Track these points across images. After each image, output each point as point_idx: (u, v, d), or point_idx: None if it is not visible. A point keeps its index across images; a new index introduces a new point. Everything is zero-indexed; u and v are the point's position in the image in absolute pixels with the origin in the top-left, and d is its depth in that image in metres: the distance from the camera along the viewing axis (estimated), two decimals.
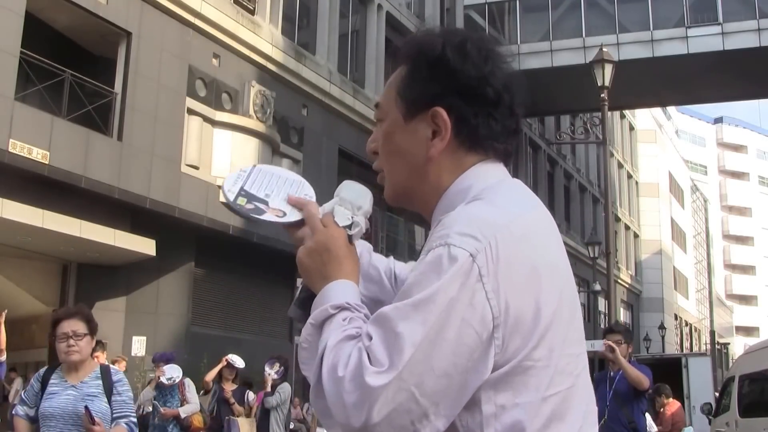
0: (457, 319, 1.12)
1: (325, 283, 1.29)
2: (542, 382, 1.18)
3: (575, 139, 25.29)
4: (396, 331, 1.12)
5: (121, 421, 4.20)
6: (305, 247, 1.34)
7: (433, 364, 1.12)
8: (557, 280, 1.22)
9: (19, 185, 11.70)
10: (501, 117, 1.32)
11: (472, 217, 1.20)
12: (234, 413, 9.91)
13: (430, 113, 1.30)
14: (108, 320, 12.92)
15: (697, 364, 18.71)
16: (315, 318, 1.25)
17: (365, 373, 1.11)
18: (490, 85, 1.31)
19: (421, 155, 1.32)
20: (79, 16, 13.45)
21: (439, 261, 1.15)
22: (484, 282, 1.14)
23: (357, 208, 1.36)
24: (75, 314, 4.23)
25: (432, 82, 1.31)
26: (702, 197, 67.95)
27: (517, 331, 1.16)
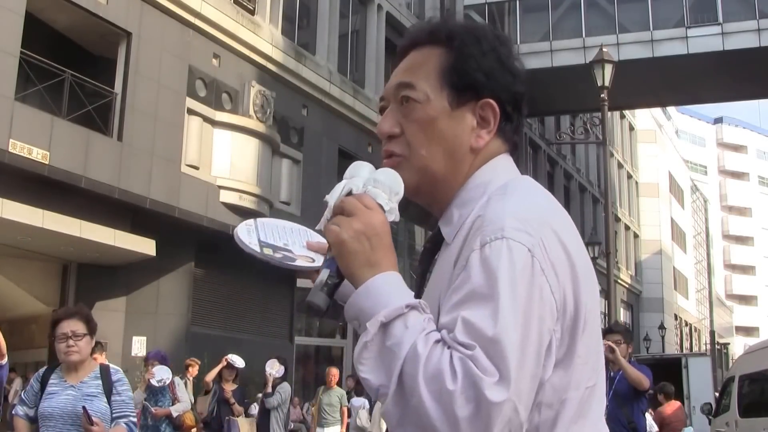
0: (536, 318, 1.09)
1: (374, 272, 1.16)
2: (582, 379, 1.18)
3: (575, 140, 25.29)
4: (495, 339, 1.05)
5: (120, 421, 4.20)
6: (351, 228, 1.18)
7: (527, 367, 1.07)
8: (590, 277, 1.22)
9: (19, 185, 11.70)
10: (522, 113, 1.35)
11: (519, 211, 1.17)
12: (234, 413, 9.92)
13: (479, 103, 1.29)
14: (108, 320, 12.93)
15: (697, 364, 18.73)
16: (387, 315, 1.11)
17: (483, 386, 1.03)
18: (522, 84, 1.33)
19: (465, 145, 1.29)
20: (79, 16, 13.45)
21: (500, 256, 1.10)
22: (546, 275, 1.12)
23: (395, 194, 1.24)
24: (74, 314, 4.24)
25: (485, 72, 1.30)
26: (702, 197, 67.94)
27: (568, 325, 1.16)
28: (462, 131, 1.29)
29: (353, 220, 1.18)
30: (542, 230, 1.15)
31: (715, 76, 26.29)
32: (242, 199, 15.79)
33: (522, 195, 1.23)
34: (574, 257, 1.19)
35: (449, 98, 1.29)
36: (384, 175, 1.25)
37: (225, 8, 16.00)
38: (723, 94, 30.51)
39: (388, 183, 1.24)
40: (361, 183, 1.24)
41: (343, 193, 1.24)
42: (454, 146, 1.29)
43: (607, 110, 15.46)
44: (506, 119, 1.31)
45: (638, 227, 48.67)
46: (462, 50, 1.31)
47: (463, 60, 1.30)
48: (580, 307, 1.17)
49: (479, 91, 1.29)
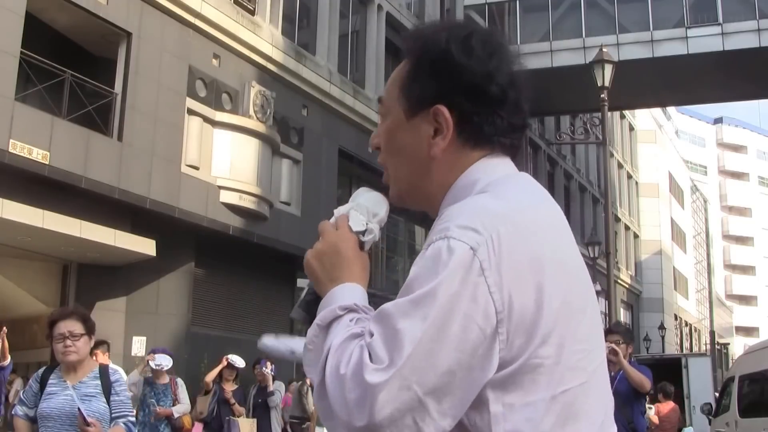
0: (460, 315, 1.09)
1: (333, 285, 1.26)
2: (552, 380, 1.14)
3: (575, 140, 25.27)
4: (396, 328, 1.09)
5: (119, 420, 4.20)
6: (314, 249, 1.31)
7: (436, 360, 1.08)
8: (563, 275, 1.18)
9: (20, 185, 11.70)
10: (507, 114, 1.29)
11: (474, 209, 1.18)
12: (234, 413, 9.92)
13: (432, 111, 1.27)
14: (108, 320, 12.93)
15: (697, 365, 18.72)
16: (322, 319, 1.21)
17: (365, 371, 1.09)
18: (496, 82, 1.27)
19: (423, 153, 1.29)
20: (80, 16, 13.45)
21: (438, 255, 1.12)
22: (486, 276, 1.11)
23: (373, 215, 1.33)
24: (71, 314, 4.23)
25: (435, 79, 1.28)
26: (702, 197, 67.94)
27: (522, 326, 1.13)
28: (418, 140, 1.29)
29: (318, 242, 1.31)
30: (498, 228, 1.14)
31: (715, 76, 26.29)
32: (242, 200, 15.79)
33: (496, 191, 1.22)
34: (547, 255, 1.16)
35: (404, 108, 1.30)
36: (365, 197, 1.36)
37: (225, 8, 16.00)
38: (723, 94, 30.52)
39: (365, 205, 1.34)
40: (345, 208, 1.34)
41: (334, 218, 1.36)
42: (413, 156, 1.30)
43: (607, 110, 15.46)
44: (469, 122, 1.27)
45: (638, 227, 48.67)
46: (413, 59, 1.32)
47: (414, 69, 1.31)
48: (546, 304, 1.14)
49: (431, 99, 1.27)
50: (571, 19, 27.34)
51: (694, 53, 25.17)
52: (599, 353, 1.23)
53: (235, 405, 9.96)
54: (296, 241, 17.34)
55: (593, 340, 1.22)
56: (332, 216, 1.36)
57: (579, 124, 29.35)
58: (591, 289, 1.26)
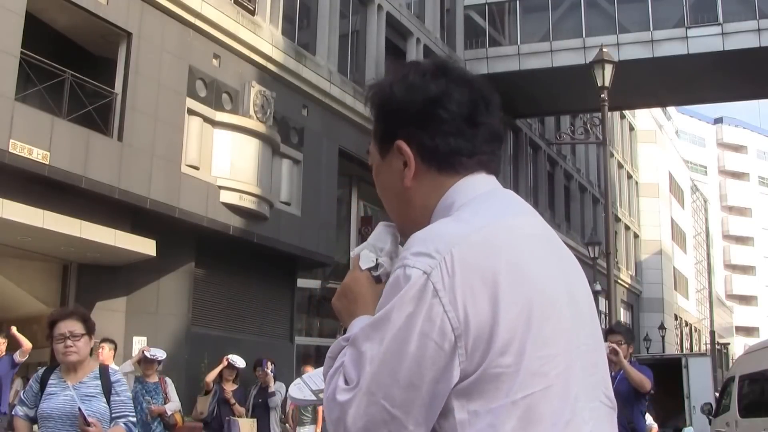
0: (416, 334, 1.19)
1: (352, 320, 1.38)
2: (513, 386, 1.20)
3: (575, 140, 25.28)
4: (360, 350, 1.23)
5: (119, 421, 4.20)
6: (336, 292, 1.46)
7: (398, 376, 1.19)
8: (522, 285, 1.24)
9: (20, 185, 11.70)
10: (461, 131, 1.37)
11: (430, 235, 1.27)
12: (234, 413, 9.93)
13: (395, 147, 1.40)
14: (108, 320, 12.93)
15: (697, 365, 18.71)
16: (332, 351, 1.35)
17: (337, 392, 1.24)
18: (440, 105, 1.37)
19: (399, 186, 1.41)
20: (80, 16, 13.45)
21: (396, 282, 1.23)
22: (440, 296, 1.19)
23: (380, 250, 1.44)
24: (71, 315, 4.21)
25: (387, 119, 1.42)
26: (702, 197, 67.92)
27: (480, 339, 1.20)
28: (393, 176, 1.42)
29: (340, 285, 1.45)
30: (453, 249, 1.22)
31: (715, 76, 26.28)
32: (242, 200, 15.79)
33: (458, 214, 1.32)
34: (498, 272, 1.22)
35: (378, 150, 1.45)
36: (372, 236, 1.48)
37: (225, 8, 16.00)
38: (723, 94, 30.51)
39: (372, 242, 1.46)
40: (361, 247, 1.47)
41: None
42: (394, 191, 1.43)
43: (607, 110, 15.45)
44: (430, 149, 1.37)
45: (638, 227, 48.67)
46: (375, 107, 1.46)
47: (375, 116, 1.46)
48: (499, 320, 1.20)
49: (391, 137, 1.41)
50: (571, 19, 27.33)
51: (694, 53, 25.16)
52: (567, 357, 1.26)
53: (235, 405, 9.97)
54: (296, 241, 17.34)
55: (561, 344, 1.26)
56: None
57: (579, 124, 29.34)
58: (566, 294, 1.30)
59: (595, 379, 1.31)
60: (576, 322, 1.30)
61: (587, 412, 1.26)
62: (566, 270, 1.35)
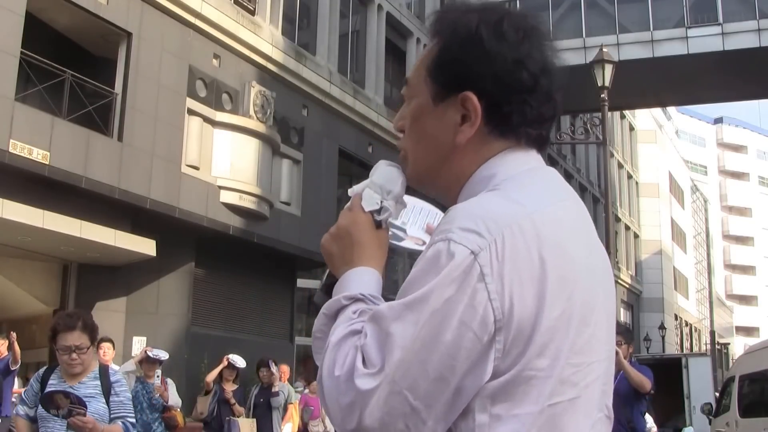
0: (455, 321, 1.06)
1: (347, 268, 1.25)
2: (543, 393, 1.10)
3: (575, 140, 25.27)
4: (388, 331, 1.08)
5: (118, 421, 4.19)
6: (328, 233, 1.30)
7: (427, 366, 1.06)
8: (567, 285, 1.12)
9: (20, 185, 11.70)
10: (537, 103, 1.23)
11: (479, 210, 1.12)
12: (234, 413, 9.92)
13: (459, 98, 1.22)
14: (108, 320, 12.92)
15: (697, 365, 18.73)
16: (328, 308, 1.21)
17: (356, 375, 1.09)
18: (527, 69, 1.22)
19: (448, 141, 1.24)
20: (80, 16, 13.45)
21: (437, 258, 1.09)
22: (486, 282, 1.07)
23: (387, 193, 1.29)
24: (76, 326, 4.11)
25: (464, 64, 1.22)
26: (702, 197, 67.92)
27: (520, 336, 1.08)
28: (443, 127, 1.24)
29: (334, 225, 1.29)
30: (504, 230, 1.09)
31: (715, 76, 26.29)
32: (242, 200, 15.79)
33: (507, 190, 1.16)
34: (551, 262, 1.10)
35: (432, 93, 1.25)
36: (378, 175, 1.30)
37: (225, 8, 16.00)
38: (723, 94, 30.51)
39: (379, 183, 1.29)
40: (359, 187, 1.30)
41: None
42: (437, 143, 1.25)
43: (607, 110, 15.45)
44: (497, 111, 1.21)
45: (638, 227, 48.67)
46: (444, 41, 1.25)
47: (443, 52, 1.25)
48: (542, 317, 1.09)
49: (459, 85, 1.21)
50: (571, 19, 27.33)
51: (694, 53, 25.17)
52: (598, 366, 1.17)
53: (235, 405, 9.96)
54: (296, 241, 17.34)
55: (594, 353, 1.16)
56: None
57: (579, 124, 29.33)
58: (604, 299, 1.19)
59: (606, 389, 1.22)
60: (609, 331, 1.20)
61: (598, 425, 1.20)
62: (604, 270, 1.23)
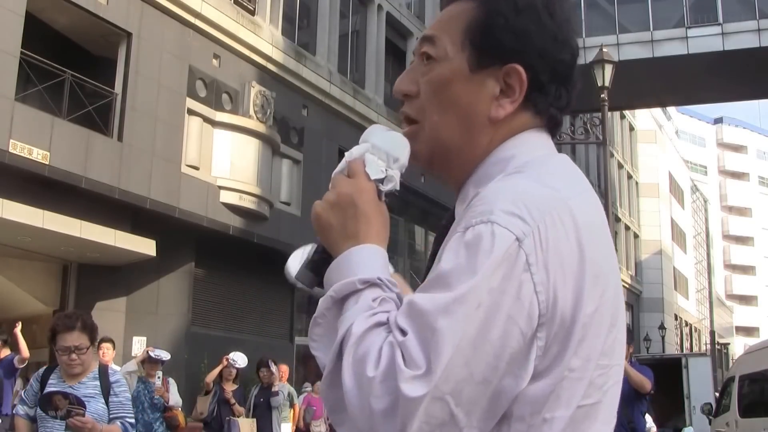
0: (502, 316, 0.95)
1: (351, 243, 1.08)
2: (575, 396, 1.01)
3: (575, 140, 25.26)
4: (434, 327, 0.94)
5: (117, 421, 4.19)
6: (325, 200, 1.12)
7: (473, 369, 0.94)
8: (599, 280, 1.03)
9: (20, 186, 11.70)
10: (570, 87, 1.16)
11: (519, 193, 1.02)
12: (234, 413, 9.93)
13: (505, 69, 1.12)
14: (108, 320, 12.92)
15: (697, 365, 18.73)
16: (337, 291, 1.04)
17: (400, 378, 0.93)
18: (569, 51, 1.15)
19: (482, 113, 1.13)
20: (80, 16, 13.45)
21: (478, 242, 0.97)
22: (532, 272, 0.96)
23: (393, 160, 1.13)
24: (76, 326, 4.13)
25: (516, 34, 1.12)
26: (702, 197, 67.92)
27: (560, 333, 0.99)
28: (480, 98, 1.13)
29: (329, 192, 1.12)
30: (546, 217, 0.99)
31: (715, 77, 26.29)
32: (242, 200, 15.80)
33: (539, 174, 1.06)
34: (588, 255, 1.01)
35: (470, 59, 1.13)
36: (383, 139, 1.14)
37: (225, 8, 16.00)
38: (723, 94, 30.51)
39: (385, 148, 1.13)
40: (359, 151, 1.14)
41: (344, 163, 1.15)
42: (469, 114, 1.13)
43: (607, 110, 15.45)
44: (538, 89, 1.13)
45: (638, 227, 48.67)
46: (491, 5, 1.14)
47: (491, 17, 1.13)
48: (579, 313, 1.00)
49: (506, 54, 1.12)
50: None
51: (694, 53, 25.18)
52: (617, 371, 1.09)
53: (235, 405, 9.97)
54: (296, 241, 17.32)
55: (616, 355, 1.08)
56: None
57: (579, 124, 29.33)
58: (622, 299, 1.12)
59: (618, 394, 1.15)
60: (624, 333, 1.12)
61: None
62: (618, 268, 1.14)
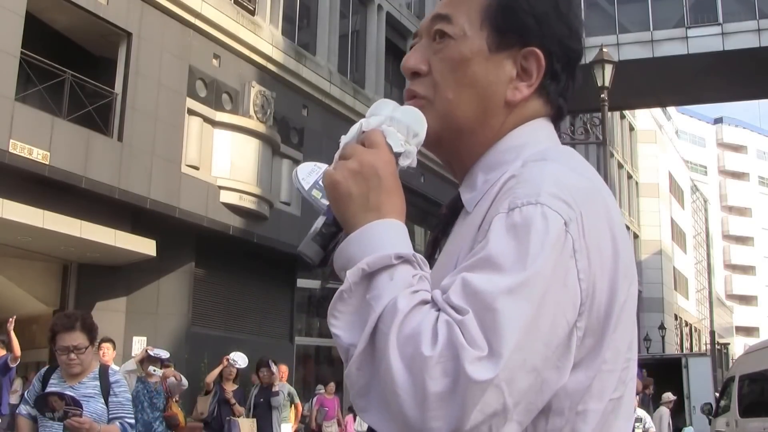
0: (551, 301, 0.90)
1: (372, 216, 1.00)
2: (606, 389, 0.98)
3: (575, 140, 25.26)
4: (495, 308, 0.87)
5: (116, 421, 4.20)
6: (346, 167, 1.04)
7: (526, 355, 0.88)
8: (630, 271, 1.01)
9: (20, 186, 11.71)
10: (575, 80, 1.17)
11: (560, 178, 0.98)
12: (235, 413, 9.93)
13: (524, 52, 1.11)
14: (108, 320, 12.93)
15: (697, 365, 18.75)
16: (371, 264, 0.94)
17: (464, 358, 0.85)
18: (579, 41, 1.16)
19: (499, 95, 1.11)
20: (80, 16, 13.45)
21: (531, 224, 0.92)
22: (577, 258, 0.93)
23: (413, 135, 1.07)
24: (75, 326, 4.14)
25: (537, 18, 1.11)
26: (702, 197, 67.93)
27: (596, 323, 0.96)
28: (498, 79, 1.11)
29: (350, 160, 1.04)
30: (586, 205, 0.96)
31: (715, 77, 26.30)
32: (242, 200, 15.80)
33: (566, 162, 1.03)
34: (620, 246, 0.99)
35: (489, 39, 1.11)
36: (402, 113, 1.08)
37: (225, 8, 16.00)
38: (723, 94, 30.52)
39: (405, 122, 1.07)
40: (376, 121, 1.08)
41: (356, 134, 1.10)
42: (486, 94, 1.11)
43: (607, 110, 15.45)
44: (552, 77, 1.12)
45: (638, 227, 48.68)
46: None
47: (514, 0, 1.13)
48: (615, 303, 0.97)
49: (525, 37, 1.11)
50: None
51: (694, 53, 25.18)
52: (635, 366, 1.05)
53: (236, 405, 9.97)
54: (296, 241, 17.29)
55: (634, 350, 1.05)
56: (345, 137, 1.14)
57: (579, 124, 29.33)
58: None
59: None
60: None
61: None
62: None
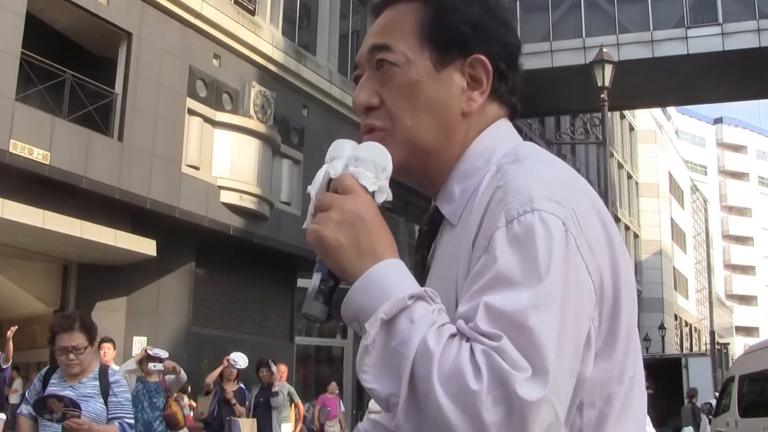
0: (573, 303, 0.91)
1: (369, 261, 0.98)
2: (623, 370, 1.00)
3: (575, 140, 25.28)
4: (526, 326, 0.87)
5: (115, 421, 4.20)
6: (329, 220, 1.01)
7: (564, 360, 0.88)
8: (624, 257, 1.02)
9: (20, 186, 11.71)
10: (518, 73, 1.16)
11: (544, 178, 0.98)
12: (235, 413, 9.93)
13: (469, 60, 1.11)
14: (109, 321, 12.93)
15: (697, 365, 18.78)
16: (388, 311, 0.92)
17: (514, 383, 0.84)
18: (514, 34, 1.16)
19: (455, 110, 1.10)
20: (80, 16, 13.45)
21: (533, 232, 0.92)
22: (582, 253, 0.94)
23: (381, 170, 1.06)
24: (74, 327, 4.15)
25: (472, 24, 1.11)
26: (702, 197, 67.94)
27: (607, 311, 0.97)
28: (450, 94, 1.11)
29: (331, 211, 1.02)
30: (573, 198, 0.97)
31: (715, 76, 26.28)
32: (243, 200, 15.80)
33: (539, 157, 1.03)
34: (608, 224, 1.00)
35: (432, 58, 1.11)
36: (365, 150, 1.07)
37: (225, 8, 16.01)
38: (723, 94, 30.51)
39: (371, 159, 1.06)
40: (341, 165, 1.06)
41: (323, 182, 1.08)
42: (443, 112, 1.10)
43: (607, 110, 15.45)
44: (500, 78, 1.13)
45: (638, 227, 48.69)
46: (439, 1, 1.13)
47: (444, 11, 1.12)
48: (620, 288, 0.98)
49: (467, 47, 1.11)
50: (571, 19, 27.33)
51: (694, 53, 25.16)
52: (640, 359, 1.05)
53: (236, 405, 9.97)
54: (296, 241, 17.34)
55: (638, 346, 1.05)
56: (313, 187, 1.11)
57: (579, 124, 29.35)
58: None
59: None
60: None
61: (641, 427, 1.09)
62: None
